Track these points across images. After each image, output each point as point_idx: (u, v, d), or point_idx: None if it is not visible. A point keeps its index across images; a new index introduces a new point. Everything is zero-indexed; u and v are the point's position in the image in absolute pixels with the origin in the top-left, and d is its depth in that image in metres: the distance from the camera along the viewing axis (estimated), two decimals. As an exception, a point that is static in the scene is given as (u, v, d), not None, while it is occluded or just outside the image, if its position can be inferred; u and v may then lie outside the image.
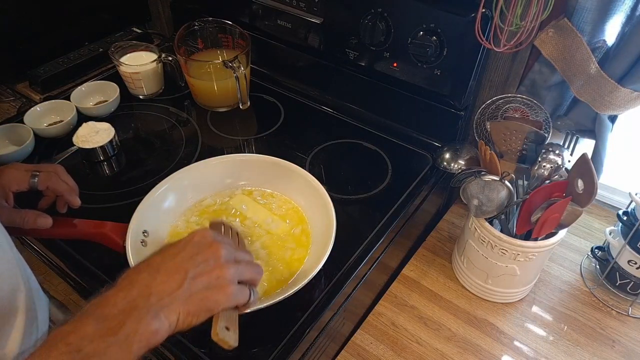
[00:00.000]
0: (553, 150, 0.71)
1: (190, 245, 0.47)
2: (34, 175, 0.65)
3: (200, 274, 0.45)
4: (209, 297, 0.45)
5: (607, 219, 0.93)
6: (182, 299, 0.44)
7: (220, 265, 0.47)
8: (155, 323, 0.42)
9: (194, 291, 0.44)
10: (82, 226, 0.69)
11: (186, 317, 0.44)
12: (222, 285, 0.46)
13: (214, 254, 0.47)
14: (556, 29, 0.69)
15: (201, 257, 0.46)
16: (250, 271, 0.51)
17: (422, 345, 0.74)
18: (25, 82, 1.15)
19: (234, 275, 0.48)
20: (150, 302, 0.42)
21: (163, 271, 0.45)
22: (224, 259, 0.48)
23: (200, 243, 0.48)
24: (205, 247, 0.48)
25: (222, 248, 0.48)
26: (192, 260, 0.46)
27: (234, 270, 0.48)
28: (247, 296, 0.49)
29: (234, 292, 0.47)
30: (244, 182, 0.79)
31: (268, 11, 0.99)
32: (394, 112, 0.95)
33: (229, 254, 0.49)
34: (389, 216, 0.78)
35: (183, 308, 0.44)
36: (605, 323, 0.77)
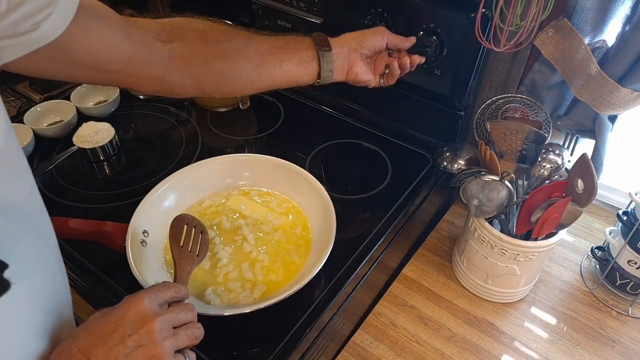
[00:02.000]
0: (553, 150, 0.71)
1: (123, 325, 0.43)
2: None
3: (134, 358, 0.42)
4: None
5: (607, 219, 0.93)
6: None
7: (155, 345, 0.43)
8: None
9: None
10: (82, 226, 0.69)
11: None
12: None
13: (148, 332, 0.44)
14: (556, 29, 0.69)
15: (134, 340, 0.43)
16: (188, 337, 0.48)
17: (422, 345, 0.74)
18: (25, 82, 1.15)
19: (170, 350, 0.45)
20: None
21: (93, 356, 0.41)
22: (159, 338, 0.44)
23: (133, 321, 0.44)
24: (139, 326, 0.44)
25: (156, 325, 0.44)
26: (124, 344, 0.42)
27: (170, 344, 0.45)
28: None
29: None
30: (244, 182, 0.79)
31: (268, 11, 0.99)
32: (394, 112, 0.95)
33: (166, 327, 0.45)
34: (389, 216, 0.78)
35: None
36: (606, 323, 0.77)
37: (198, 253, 0.61)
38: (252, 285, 0.65)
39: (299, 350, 0.62)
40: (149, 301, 0.46)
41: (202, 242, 0.62)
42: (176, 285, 0.51)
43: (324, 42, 0.65)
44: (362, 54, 0.68)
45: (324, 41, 0.65)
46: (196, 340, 0.49)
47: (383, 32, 0.69)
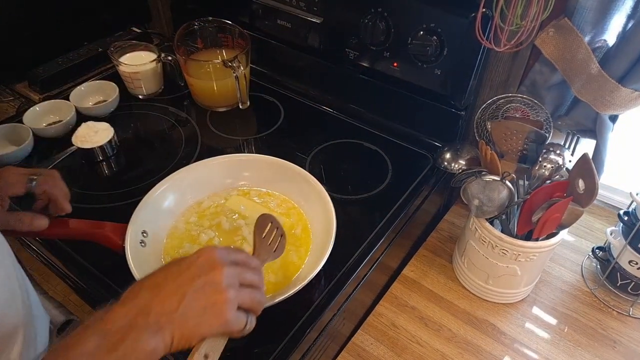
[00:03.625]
0: (554, 150, 0.71)
1: (194, 267, 0.47)
2: (30, 179, 0.65)
3: (198, 298, 0.45)
4: (202, 323, 0.45)
5: (608, 219, 0.93)
6: (177, 322, 0.44)
7: (219, 290, 0.46)
8: (152, 342, 0.42)
9: (189, 315, 0.44)
10: (81, 226, 0.68)
11: (180, 340, 0.44)
12: (218, 312, 0.46)
13: (215, 277, 0.46)
14: (556, 29, 0.69)
15: (202, 281, 0.46)
16: (251, 298, 0.49)
17: (422, 345, 0.74)
18: (25, 82, 1.15)
19: (233, 301, 0.46)
20: (148, 322, 0.43)
21: (163, 291, 0.45)
22: (225, 284, 0.46)
23: (203, 265, 0.47)
24: (208, 270, 0.47)
25: (224, 272, 0.47)
26: (193, 283, 0.45)
27: (233, 296, 0.47)
28: (242, 324, 0.48)
29: (230, 319, 0.46)
30: (244, 182, 0.79)
31: (268, 11, 0.99)
32: (394, 112, 0.94)
33: (232, 277, 0.47)
34: (389, 216, 0.78)
35: (177, 331, 0.44)
36: (606, 323, 0.77)
37: (275, 249, 0.63)
38: (252, 286, 0.65)
39: (299, 351, 0.62)
40: (220, 252, 0.49)
41: (281, 242, 0.64)
42: (248, 254, 0.53)
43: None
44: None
45: None
46: (259, 305, 0.50)
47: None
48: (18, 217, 0.63)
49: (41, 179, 0.65)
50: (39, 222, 0.64)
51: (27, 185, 0.65)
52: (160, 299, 0.44)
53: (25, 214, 0.64)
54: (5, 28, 1.07)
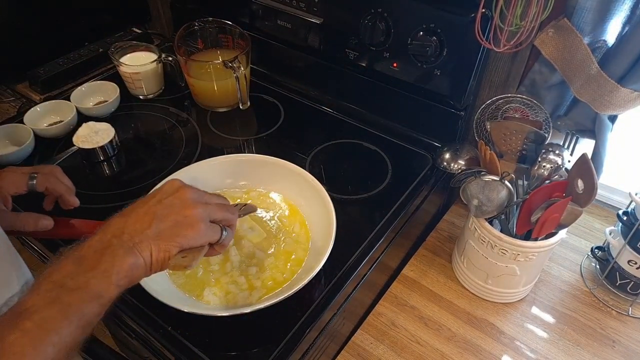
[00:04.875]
0: (553, 150, 0.71)
1: (160, 192, 0.51)
2: (31, 177, 0.65)
3: (168, 214, 0.48)
4: (177, 232, 0.48)
5: (607, 219, 0.93)
6: (152, 236, 0.47)
7: (187, 205, 0.49)
8: (129, 258, 0.45)
9: (162, 228, 0.47)
10: (82, 226, 0.69)
11: (158, 253, 0.47)
12: (190, 223, 0.49)
13: (182, 196, 0.50)
14: (556, 29, 0.69)
15: (169, 200, 0.49)
16: (221, 211, 0.52)
17: (422, 345, 0.74)
18: (25, 83, 1.15)
19: (202, 213, 0.50)
20: (123, 240, 0.46)
21: (134, 215, 0.48)
22: (192, 200, 0.50)
23: (168, 190, 0.51)
24: (174, 191, 0.51)
25: (189, 192, 0.51)
26: (161, 204, 0.49)
27: (202, 209, 0.50)
28: (218, 234, 0.51)
29: (203, 229, 0.49)
30: (244, 182, 0.79)
31: (268, 11, 0.99)
32: (394, 112, 0.95)
33: (198, 196, 0.51)
34: (389, 216, 0.78)
35: (154, 244, 0.47)
36: (606, 323, 0.77)
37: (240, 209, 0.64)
38: (251, 286, 0.65)
39: (299, 351, 0.62)
40: (180, 180, 0.52)
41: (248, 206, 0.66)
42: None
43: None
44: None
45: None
46: (232, 215, 0.54)
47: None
48: (22, 218, 0.63)
49: (41, 176, 0.66)
50: (44, 222, 0.64)
51: (28, 183, 0.65)
52: (131, 221, 0.48)
53: (29, 214, 0.64)
54: (6, 28, 1.08)
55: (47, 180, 0.66)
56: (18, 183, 0.65)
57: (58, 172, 0.68)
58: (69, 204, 0.68)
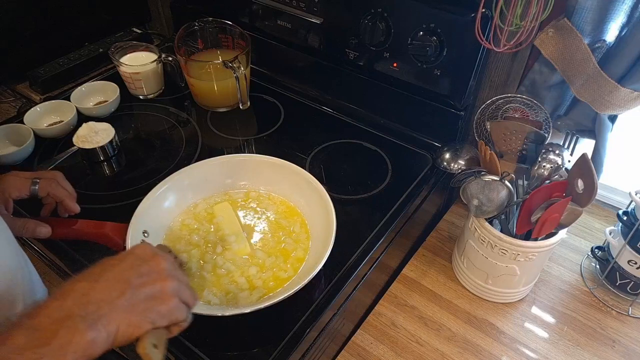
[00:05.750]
0: (553, 150, 0.71)
1: (132, 257, 0.46)
2: (34, 182, 0.66)
3: (143, 284, 0.44)
4: (151, 307, 0.43)
5: (607, 219, 0.93)
6: (123, 308, 0.42)
7: (163, 278, 0.46)
8: (91, 333, 0.39)
9: (136, 301, 0.43)
10: (82, 226, 0.69)
11: (127, 328, 0.42)
12: (164, 298, 0.45)
13: (157, 265, 0.46)
14: (556, 29, 0.69)
15: (144, 268, 0.45)
16: (188, 292, 0.48)
17: (422, 345, 0.74)
18: (26, 83, 1.15)
19: (177, 289, 0.46)
20: (87, 311, 0.40)
21: (103, 280, 0.43)
22: (167, 272, 0.46)
23: (141, 255, 0.47)
24: (148, 259, 0.46)
25: (164, 261, 0.47)
26: (135, 270, 0.45)
27: (177, 284, 0.46)
28: (184, 314, 0.47)
29: (175, 306, 0.45)
30: (244, 182, 0.79)
31: (268, 11, 0.99)
32: (394, 112, 0.95)
33: (172, 268, 0.48)
34: (389, 216, 0.78)
35: (124, 318, 0.42)
36: (606, 323, 0.77)
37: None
38: (251, 286, 0.65)
39: (299, 351, 0.62)
40: (152, 247, 0.49)
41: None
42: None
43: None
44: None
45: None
46: (194, 300, 0.49)
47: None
48: (23, 223, 0.64)
49: (43, 182, 0.66)
50: (42, 229, 0.65)
51: (31, 188, 0.65)
52: (100, 287, 0.42)
53: (29, 220, 0.65)
54: (7, 29, 1.08)
55: (49, 185, 0.66)
56: (20, 187, 0.65)
57: (60, 178, 0.69)
58: (69, 210, 0.68)
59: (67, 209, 0.68)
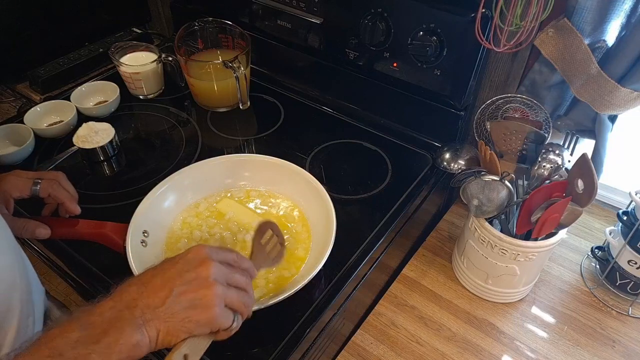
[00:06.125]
0: (553, 150, 0.71)
1: (182, 262, 0.47)
2: (35, 183, 0.66)
3: (185, 291, 0.45)
4: (190, 317, 0.45)
5: (607, 219, 0.93)
6: (163, 317, 0.44)
7: (207, 285, 0.46)
8: (136, 335, 0.42)
9: (176, 310, 0.44)
10: (82, 226, 0.69)
11: (165, 336, 0.44)
12: (205, 306, 0.45)
13: (203, 272, 0.46)
14: (556, 29, 0.69)
15: (189, 275, 0.46)
16: (238, 298, 0.48)
17: (422, 345, 0.74)
18: (26, 83, 1.15)
19: (221, 296, 0.46)
20: (134, 315, 0.43)
21: (151, 286, 0.45)
22: (213, 278, 0.46)
23: (192, 260, 0.47)
24: (196, 265, 0.47)
25: (212, 267, 0.47)
26: (181, 277, 0.46)
27: (222, 291, 0.46)
28: (230, 321, 0.47)
29: (217, 314, 0.46)
30: (244, 182, 0.79)
31: (268, 11, 0.99)
32: (394, 112, 0.95)
33: (220, 274, 0.47)
34: (389, 216, 0.78)
35: (163, 326, 0.44)
36: (606, 323, 0.77)
37: (274, 257, 0.62)
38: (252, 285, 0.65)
39: (299, 351, 0.62)
40: (209, 250, 0.49)
41: (281, 251, 0.63)
42: (240, 254, 0.52)
43: None
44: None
45: None
46: (245, 307, 0.49)
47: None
48: (23, 223, 0.64)
49: (45, 182, 0.66)
50: (41, 231, 0.65)
51: (32, 189, 0.66)
52: (147, 293, 0.44)
53: (29, 221, 0.65)
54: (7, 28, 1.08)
55: (50, 186, 0.66)
56: (21, 187, 0.65)
57: (62, 179, 0.69)
58: (70, 212, 0.68)
59: (68, 210, 0.68)
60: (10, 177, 0.66)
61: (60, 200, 0.67)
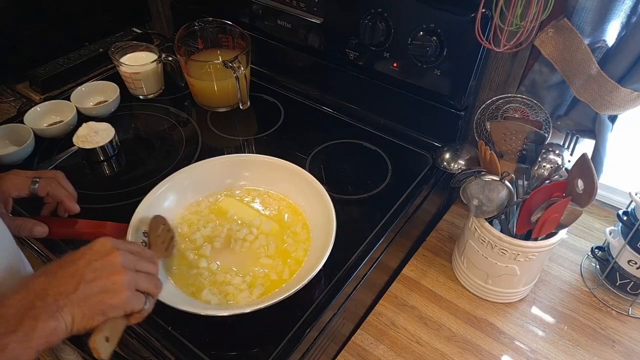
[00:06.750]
0: (553, 150, 0.71)
1: (90, 253, 0.49)
2: (34, 181, 0.66)
3: (96, 278, 0.47)
4: (103, 300, 0.47)
5: (607, 219, 0.93)
6: (76, 302, 0.45)
7: (116, 271, 0.48)
8: (52, 322, 0.44)
9: (88, 294, 0.46)
10: (82, 226, 0.69)
11: (81, 319, 0.45)
12: (116, 290, 0.47)
13: (112, 260, 0.49)
14: (556, 29, 0.69)
15: (99, 264, 0.48)
16: (147, 282, 0.51)
17: (422, 345, 0.74)
18: (26, 83, 1.15)
19: (130, 281, 0.49)
20: (47, 303, 0.44)
21: (60, 276, 0.46)
22: (122, 265, 0.49)
23: (99, 250, 0.49)
24: (104, 254, 0.49)
25: (120, 255, 0.49)
26: (89, 266, 0.47)
27: (131, 277, 0.49)
28: (141, 304, 0.50)
29: (129, 298, 0.48)
30: (244, 182, 0.79)
31: (268, 11, 0.99)
32: (394, 112, 0.95)
33: (128, 261, 0.50)
34: (389, 216, 0.78)
35: (78, 310, 0.45)
36: (606, 323, 0.77)
37: (167, 248, 0.66)
38: (251, 286, 0.65)
39: (299, 351, 0.62)
40: (115, 241, 0.51)
41: (172, 243, 0.68)
42: (142, 246, 0.55)
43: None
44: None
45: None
46: (155, 289, 0.53)
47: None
48: (20, 222, 0.64)
49: (43, 181, 0.66)
50: (39, 229, 0.65)
51: (30, 187, 0.66)
52: (57, 282, 0.46)
53: (27, 220, 0.65)
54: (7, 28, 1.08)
55: (49, 185, 0.66)
56: (20, 186, 0.65)
57: (60, 178, 0.69)
58: (69, 210, 0.68)
59: (67, 208, 0.68)
60: (8, 177, 0.66)
61: (59, 199, 0.68)
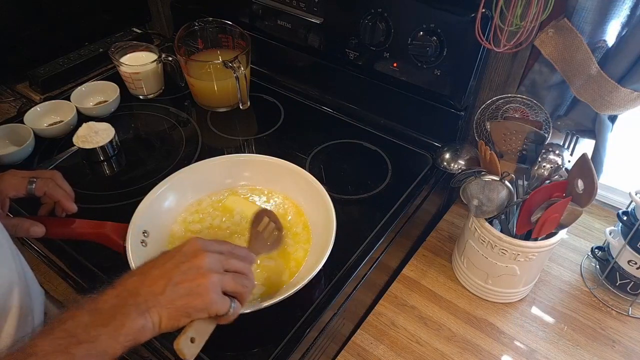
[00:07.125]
0: (553, 150, 0.71)
1: (179, 254, 0.51)
2: (31, 181, 0.66)
3: (182, 280, 0.48)
4: (188, 303, 0.48)
5: (607, 219, 0.93)
6: (163, 303, 0.47)
7: (202, 274, 0.49)
8: (140, 320, 0.46)
9: (174, 296, 0.48)
10: (82, 226, 0.69)
11: (168, 320, 0.47)
12: (201, 293, 0.48)
13: (198, 262, 0.50)
14: (556, 29, 0.69)
15: (186, 266, 0.49)
16: (235, 283, 0.52)
17: (422, 345, 0.74)
18: (25, 83, 1.15)
19: (216, 284, 0.49)
20: (138, 302, 0.47)
21: (150, 277, 0.49)
22: (207, 268, 0.50)
23: (187, 252, 0.51)
24: (191, 257, 0.50)
25: (206, 257, 0.50)
26: (177, 268, 0.49)
27: (217, 279, 0.50)
28: (226, 307, 0.50)
29: (213, 300, 0.49)
30: (244, 182, 0.79)
31: (268, 11, 0.99)
32: (394, 112, 0.95)
33: (215, 263, 0.51)
34: (389, 216, 0.78)
35: (164, 312, 0.47)
36: (606, 323, 0.77)
37: (271, 243, 0.66)
38: (252, 286, 0.65)
39: (299, 350, 0.62)
40: (203, 242, 0.53)
41: (278, 236, 0.67)
42: (234, 245, 0.56)
43: None
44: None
45: None
46: (243, 288, 0.53)
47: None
48: (17, 222, 0.64)
49: (40, 181, 0.66)
50: (36, 229, 0.65)
51: (27, 187, 0.66)
52: (148, 283, 0.48)
53: (24, 220, 0.64)
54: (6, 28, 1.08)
55: (46, 185, 0.66)
56: (17, 187, 0.65)
57: (58, 178, 0.69)
58: (66, 210, 0.68)
59: (64, 208, 0.68)
60: (5, 177, 0.66)
61: (56, 199, 0.68)
